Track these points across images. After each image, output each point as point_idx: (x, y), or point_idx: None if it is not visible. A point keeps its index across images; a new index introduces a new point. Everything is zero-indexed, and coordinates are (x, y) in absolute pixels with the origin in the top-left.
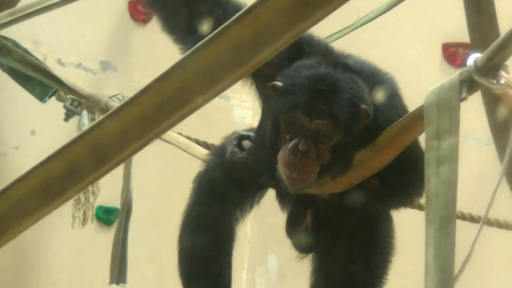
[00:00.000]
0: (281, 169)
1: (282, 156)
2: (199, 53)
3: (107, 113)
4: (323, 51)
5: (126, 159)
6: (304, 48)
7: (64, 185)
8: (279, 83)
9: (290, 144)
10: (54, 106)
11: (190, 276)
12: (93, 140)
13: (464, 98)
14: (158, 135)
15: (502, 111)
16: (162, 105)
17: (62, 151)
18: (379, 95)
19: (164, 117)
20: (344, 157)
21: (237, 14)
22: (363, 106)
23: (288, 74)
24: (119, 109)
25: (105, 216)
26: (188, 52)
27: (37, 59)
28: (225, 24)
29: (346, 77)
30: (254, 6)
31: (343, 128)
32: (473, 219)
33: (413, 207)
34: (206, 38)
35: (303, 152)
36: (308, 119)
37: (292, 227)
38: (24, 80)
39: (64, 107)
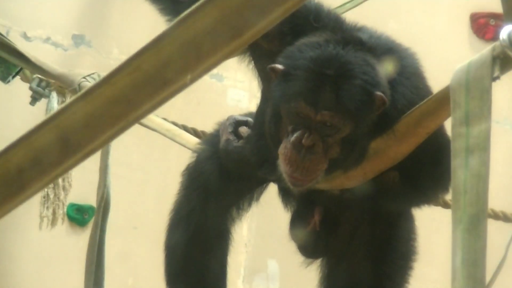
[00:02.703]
0: (282, 167)
1: (283, 151)
2: (184, 24)
3: (78, 94)
4: (333, 24)
5: (100, 147)
6: (311, 20)
7: (27, 177)
8: (280, 66)
9: (293, 138)
10: (19, 87)
11: (178, 284)
12: (62, 126)
13: (497, 77)
14: (137, 120)
15: None
16: (142, 85)
17: (26, 138)
18: (399, 75)
19: (144, 98)
20: (357, 149)
21: None
22: (378, 93)
23: (291, 54)
24: (92, 89)
25: (78, 215)
26: (172, 23)
27: None
28: None
29: (359, 59)
30: None
31: (354, 119)
32: (507, 218)
33: (437, 204)
34: (192, 7)
35: (308, 147)
36: (312, 110)
37: (297, 227)
38: None
39: (30, 88)
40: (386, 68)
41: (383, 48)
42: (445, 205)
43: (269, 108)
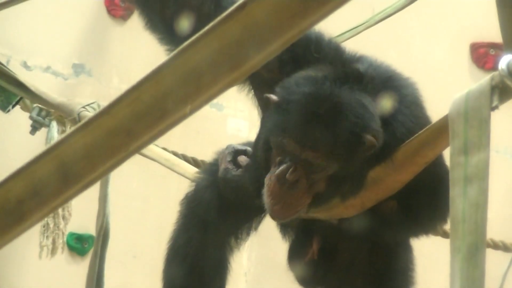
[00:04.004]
0: (265, 197)
1: (268, 182)
2: (185, 55)
3: (78, 125)
4: (333, 55)
5: (100, 178)
6: (311, 51)
7: (27, 208)
8: (274, 97)
9: (278, 171)
10: (19, 117)
11: None
12: (62, 156)
13: (496, 107)
14: (137, 150)
15: None
16: (142, 115)
17: (26, 168)
18: (398, 103)
19: (144, 129)
20: (344, 186)
21: (229, 10)
22: (368, 136)
23: (287, 86)
24: (92, 120)
25: (78, 244)
26: (173, 53)
27: None
28: (215, 21)
29: (353, 100)
30: (249, 0)
31: (339, 160)
32: (506, 247)
33: (436, 234)
34: (193, 38)
35: (291, 182)
36: (298, 147)
37: (295, 257)
38: None
39: (30, 117)
40: (385, 98)
41: (383, 77)
42: (444, 235)
43: (262, 135)
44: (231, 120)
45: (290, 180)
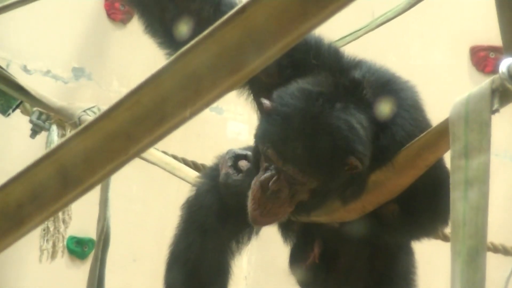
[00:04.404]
0: (248, 201)
1: (252, 186)
2: (184, 59)
3: (77, 129)
4: (332, 61)
5: (100, 182)
6: (310, 56)
7: (26, 212)
8: (268, 103)
9: (262, 178)
10: (19, 120)
11: None
12: (61, 160)
13: (496, 110)
14: (137, 154)
15: None
16: (142, 119)
17: (25, 172)
18: (398, 107)
19: (144, 132)
20: (328, 198)
21: (229, 14)
22: (352, 158)
23: (282, 95)
24: (92, 124)
25: (78, 248)
26: (172, 57)
27: None
28: (214, 25)
29: (343, 120)
30: (248, 4)
31: (320, 178)
32: (506, 251)
33: (437, 237)
34: (192, 42)
35: (273, 191)
36: (280, 160)
37: (296, 261)
38: None
39: (30, 121)
40: (384, 102)
41: (382, 80)
42: (445, 238)
43: (254, 138)
44: (231, 123)
45: (272, 189)
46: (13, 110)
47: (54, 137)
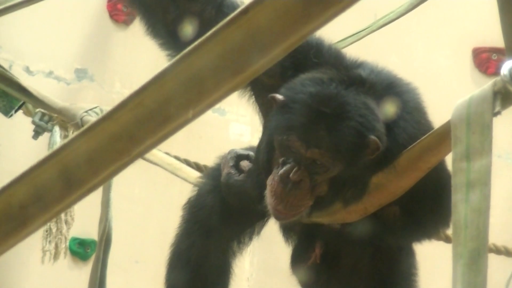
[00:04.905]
0: (268, 198)
1: (270, 182)
2: (187, 60)
3: (80, 130)
4: (333, 60)
5: (102, 183)
6: (311, 56)
7: (29, 213)
8: (280, 96)
9: (281, 171)
10: (21, 121)
11: None
12: (64, 161)
13: (498, 112)
14: (140, 155)
15: None
16: (145, 120)
17: (28, 174)
18: (400, 109)
19: (147, 134)
20: (345, 190)
21: (232, 15)
22: (372, 137)
23: (293, 87)
24: (95, 125)
25: (80, 249)
26: (175, 58)
27: (0, 66)
28: (217, 26)
29: (358, 101)
30: (251, 6)
31: (344, 160)
32: (508, 252)
33: (438, 239)
34: (195, 43)
35: (294, 182)
36: (303, 146)
37: (298, 261)
38: None
39: (33, 122)
40: (387, 104)
41: (384, 83)
42: (447, 240)
43: (264, 137)
44: (233, 125)
45: (294, 180)
46: (16, 111)
47: (57, 138)
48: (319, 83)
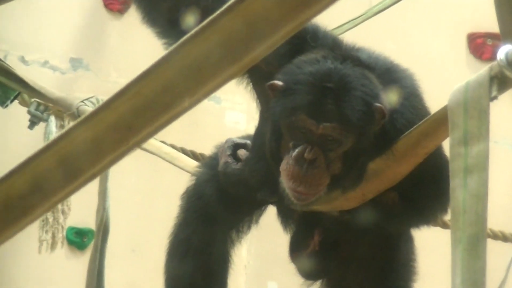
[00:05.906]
0: (285, 182)
1: (285, 167)
2: (184, 49)
3: (78, 120)
4: (330, 45)
5: (100, 173)
6: (308, 41)
7: (28, 203)
8: (279, 82)
9: (295, 153)
10: (17, 112)
11: None
12: (62, 151)
13: (495, 97)
14: (137, 144)
15: None
16: (142, 110)
17: (26, 164)
18: (397, 95)
19: (144, 123)
20: (358, 166)
21: (229, 3)
22: (378, 104)
23: (290, 71)
24: (92, 114)
25: (78, 238)
26: (172, 47)
27: None
28: (215, 14)
29: (357, 72)
30: None
31: (355, 131)
32: (506, 238)
33: (437, 225)
34: (192, 31)
35: (310, 161)
36: (314, 123)
37: (296, 249)
38: None
39: (28, 112)
40: (385, 88)
41: (382, 68)
42: (444, 226)
43: (269, 126)
44: (229, 113)
45: (309, 158)
46: (11, 101)
47: (53, 128)
48: (315, 62)
